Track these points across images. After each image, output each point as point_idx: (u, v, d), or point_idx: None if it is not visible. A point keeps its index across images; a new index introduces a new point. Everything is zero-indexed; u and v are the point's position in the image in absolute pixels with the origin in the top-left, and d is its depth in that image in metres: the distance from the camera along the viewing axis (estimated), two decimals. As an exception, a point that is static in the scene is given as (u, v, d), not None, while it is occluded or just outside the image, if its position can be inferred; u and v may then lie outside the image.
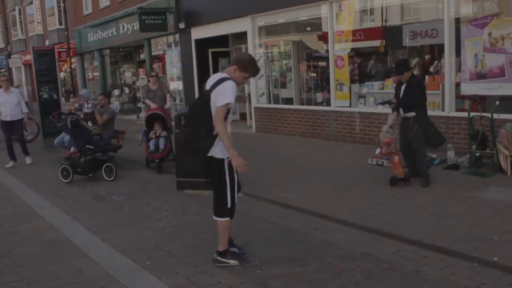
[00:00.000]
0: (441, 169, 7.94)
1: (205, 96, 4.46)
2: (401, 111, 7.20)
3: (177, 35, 16.74)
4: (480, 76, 8.46)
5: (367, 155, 8.84)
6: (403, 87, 7.12)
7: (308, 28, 12.71)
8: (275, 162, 9.45)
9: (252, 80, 13.54)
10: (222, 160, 4.51)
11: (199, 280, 4.49)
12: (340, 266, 4.60)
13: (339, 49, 10.99)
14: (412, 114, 7.01)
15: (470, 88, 8.59)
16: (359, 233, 5.41)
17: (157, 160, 9.46)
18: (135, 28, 17.60)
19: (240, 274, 4.54)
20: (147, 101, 10.37)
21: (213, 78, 4.54)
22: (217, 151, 4.50)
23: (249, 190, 7.49)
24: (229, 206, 4.62)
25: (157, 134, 9.60)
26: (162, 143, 9.47)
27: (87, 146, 9.02)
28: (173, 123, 8.93)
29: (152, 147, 9.52)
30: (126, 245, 5.53)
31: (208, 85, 4.49)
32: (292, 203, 6.69)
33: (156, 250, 5.30)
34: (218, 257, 4.72)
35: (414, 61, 10.28)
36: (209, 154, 4.52)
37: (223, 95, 4.32)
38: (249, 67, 4.50)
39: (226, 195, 4.58)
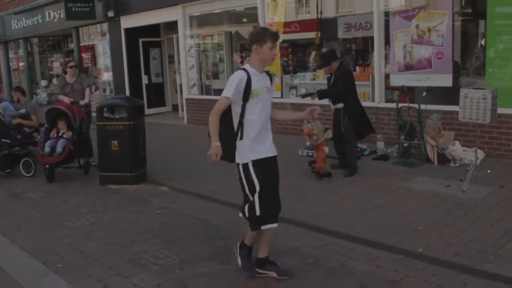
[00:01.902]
0: (371, 159, 7.93)
1: None
2: (331, 103, 7.10)
3: (106, 24, 16.05)
4: (408, 67, 8.52)
5: (298, 146, 8.73)
6: (332, 78, 7.03)
7: (242, 19, 12.48)
8: (203, 154, 9.10)
9: (183, 70, 13.26)
10: (241, 165, 4.01)
11: (113, 282, 4.16)
12: (263, 263, 4.39)
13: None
14: (341, 105, 6.93)
15: (398, 79, 8.64)
16: (286, 227, 5.22)
17: (47, 166, 7.79)
18: (62, 16, 16.72)
19: (158, 275, 4.25)
20: (60, 97, 8.65)
21: None
22: (237, 154, 4.03)
23: (176, 183, 7.23)
24: (246, 215, 4.02)
25: (59, 134, 8.01)
26: (60, 145, 7.76)
27: (2, 140, 8.39)
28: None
29: (47, 149, 7.73)
30: (37, 246, 5.10)
31: None
32: (219, 197, 6.45)
33: (70, 251, 4.91)
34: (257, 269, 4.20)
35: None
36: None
37: (226, 87, 3.94)
38: (266, 35, 3.90)
39: (246, 202, 4.02)
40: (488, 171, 6.51)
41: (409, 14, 8.39)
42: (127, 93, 15.09)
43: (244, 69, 3.92)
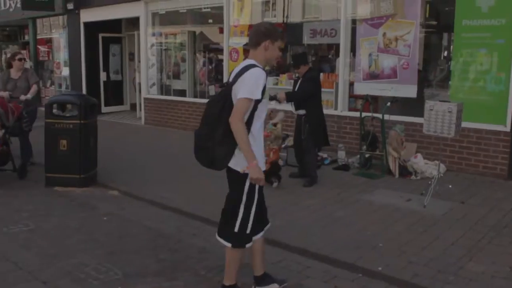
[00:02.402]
0: (332, 169, 7.73)
1: (225, 90, 3.46)
2: (293, 108, 6.86)
3: (64, 17, 15.42)
4: (373, 76, 8.37)
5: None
6: (299, 81, 6.79)
7: (206, 19, 12.16)
8: (161, 158, 8.77)
9: (143, 68, 12.83)
10: (242, 175, 3.46)
11: (46, 299, 3.78)
12: (213, 280, 4.07)
13: (234, 41, 10.55)
14: (302, 111, 6.70)
15: (363, 88, 8.48)
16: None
17: None
18: (18, 5, 15.99)
19: (97, 291, 3.88)
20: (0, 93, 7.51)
21: (238, 67, 3.53)
22: (238, 161, 3.43)
23: (127, 187, 6.84)
24: (235, 230, 3.55)
25: None
26: None
27: None
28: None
29: None
30: (-34, 255, 4.64)
31: (232, 76, 3.51)
32: (172, 203, 6.09)
33: (1, 262, 4.46)
34: None
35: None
36: (230, 165, 3.50)
37: (247, 86, 3.31)
38: (277, 32, 3.53)
39: (236, 217, 3.54)
40: (450, 186, 6.39)
41: (376, 22, 8.24)
42: (84, 89, 14.54)
43: (256, 65, 3.44)
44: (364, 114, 7.59)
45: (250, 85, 3.31)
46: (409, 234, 5.02)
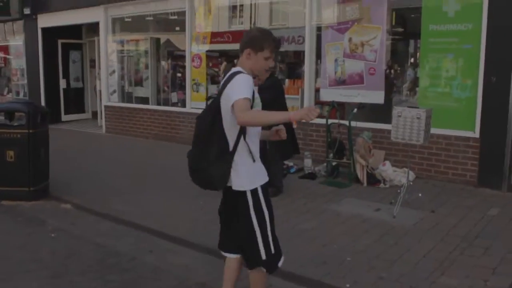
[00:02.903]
0: (297, 178, 7.44)
1: (213, 103, 3.15)
2: None
3: (21, 22, 14.80)
4: (340, 82, 8.14)
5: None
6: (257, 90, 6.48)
7: (170, 25, 11.79)
8: (119, 168, 8.33)
9: (103, 75, 12.35)
10: (243, 193, 3.12)
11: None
12: (166, 303, 3.72)
13: (198, 47, 10.22)
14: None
15: (329, 94, 8.25)
16: (198, 256, 4.59)
17: None
18: (-29, 9, 15.31)
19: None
20: None
21: (224, 78, 3.22)
22: (236, 179, 3.10)
23: (81, 200, 6.40)
24: (263, 258, 3.19)
25: None
26: None
27: None
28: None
29: None
30: None
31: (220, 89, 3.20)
32: (128, 217, 5.69)
33: None
34: None
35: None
36: (229, 184, 3.14)
37: (238, 88, 2.97)
38: (264, 40, 3.15)
39: (257, 242, 3.18)
40: (420, 194, 6.16)
41: (342, 27, 8.03)
42: (42, 97, 13.98)
43: (242, 72, 3.13)
44: (330, 121, 7.34)
45: (241, 87, 2.97)
46: (379, 246, 4.75)
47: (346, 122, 7.13)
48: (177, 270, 4.26)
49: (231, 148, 3.07)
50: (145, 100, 11.85)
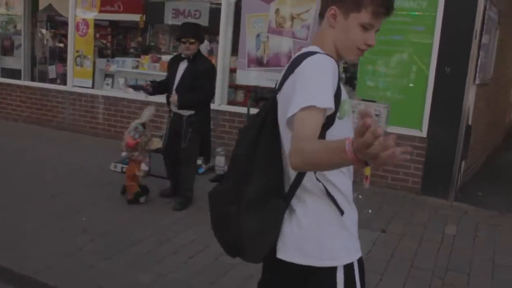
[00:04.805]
0: (208, 181, 5.89)
1: (265, 109, 1.75)
2: (173, 104, 4.85)
3: None
4: (261, 62, 6.72)
5: (111, 156, 6.42)
6: (184, 66, 4.83)
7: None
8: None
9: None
10: (316, 272, 1.67)
11: None
12: None
13: (84, 11, 8.31)
14: (190, 112, 4.79)
15: (248, 77, 6.81)
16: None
17: None
18: None
19: None
20: None
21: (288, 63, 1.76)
22: (296, 244, 1.69)
23: None
24: None
25: None
26: None
27: None
28: None
29: None
30: None
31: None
32: (51, 280, 3.79)
33: None
34: None
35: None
36: (280, 256, 1.71)
37: (304, 87, 1.55)
38: None
39: None
40: (370, 210, 4.95)
41: (267, -5, 6.60)
42: None
43: (318, 52, 1.66)
44: (253, 111, 5.91)
45: (310, 83, 1.56)
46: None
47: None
48: None
49: (287, 186, 1.72)
50: (17, 74, 9.68)
